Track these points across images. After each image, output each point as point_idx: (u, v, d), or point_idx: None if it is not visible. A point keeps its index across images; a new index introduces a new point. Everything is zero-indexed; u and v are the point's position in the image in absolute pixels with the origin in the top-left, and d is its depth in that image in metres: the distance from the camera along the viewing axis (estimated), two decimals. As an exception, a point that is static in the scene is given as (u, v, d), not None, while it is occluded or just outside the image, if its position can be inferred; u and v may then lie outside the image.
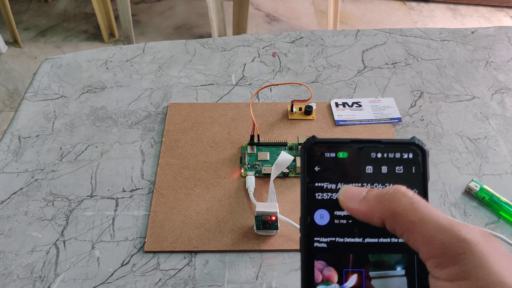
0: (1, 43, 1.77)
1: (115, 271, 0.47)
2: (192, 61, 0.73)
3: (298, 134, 0.61)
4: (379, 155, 0.25)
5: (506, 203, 0.52)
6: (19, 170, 0.57)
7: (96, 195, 0.54)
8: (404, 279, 0.24)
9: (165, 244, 0.49)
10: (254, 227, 0.50)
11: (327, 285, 0.24)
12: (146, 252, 0.49)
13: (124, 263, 0.48)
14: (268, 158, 0.57)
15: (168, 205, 0.53)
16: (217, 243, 0.49)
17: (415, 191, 0.24)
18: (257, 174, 0.56)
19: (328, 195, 0.25)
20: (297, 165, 0.55)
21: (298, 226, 0.49)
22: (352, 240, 0.24)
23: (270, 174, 0.55)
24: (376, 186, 0.25)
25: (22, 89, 1.63)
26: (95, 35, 1.87)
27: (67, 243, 0.50)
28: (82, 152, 0.59)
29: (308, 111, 0.63)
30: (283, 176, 0.56)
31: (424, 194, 0.25)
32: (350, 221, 0.24)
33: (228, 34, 1.81)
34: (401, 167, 0.25)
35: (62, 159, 0.58)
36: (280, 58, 0.74)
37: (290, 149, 0.59)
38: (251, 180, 0.54)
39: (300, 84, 0.68)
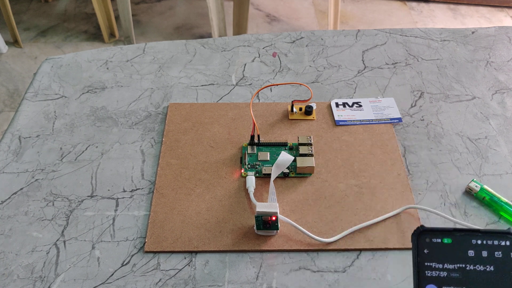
0: (2, 43, 1.77)
1: (115, 271, 0.47)
2: (192, 61, 0.73)
3: (299, 134, 0.61)
4: (479, 241, 0.29)
5: (506, 203, 0.52)
6: (20, 170, 0.57)
7: (96, 195, 0.54)
8: None
9: (165, 244, 0.49)
10: (255, 227, 0.50)
11: None
12: (146, 252, 0.49)
13: (124, 263, 0.48)
14: (269, 158, 0.57)
15: (168, 205, 0.53)
16: (218, 243, 0.49)
17: None
18: (257, 174, 0.56)
19: (436, 273, 0.29)
20: (297, 165, 0.55)
21: (299, 227, 0.49)
22: None
23: (270, 174, 0.55)
24: (478, 268, 0.28)
25: (22, 89, 1.63)
26: (95, 35, 1.87)
27: (67, 243, 0.50)
28: (83, 152, 0.59)
29: (308, 111, 0.63)
30: (284, 176, 0.56)
31: None
32: None
33: (228, 34, 1.81)
34: (500, 252, 0.29)
35: (63, 159, 0.58)
36: (281, 58, 0.74)
37: (291, 149, 0.59)
38: (251, 180, 0.54)
39: (300, 84, 0.68)
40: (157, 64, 0.73)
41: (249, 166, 0.57)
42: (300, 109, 0.64)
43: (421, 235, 0.30)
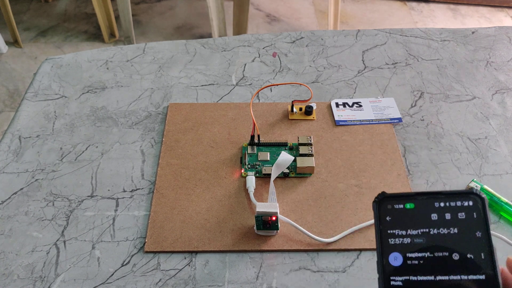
0: (2, 43, 1.77)
1: (115, 271, 0.47)
2: (192, 61, 0.73)
3: (299, 134, 0.61)
4: (442, 204, 0.28)
5: (506, 203, 0.52)
6: (20, 170, 0.57)
7: (96, 195, 0.54)
8: None
9: (165, 244, 0.49)
10: (255, 227, 0.50)
11: None
12: (147, 252, 0.49)
13: (125, 263, 0.48)
14: (269, 158, 0.57)
15: (168, 205, 0.53)
16: (218, 243, 0.49)
17: (478, 234, 0.27)
18: (257, 174, 0.56)
19: (400, 240, 0.28)
20: (297, 165, 0.55)
21: (299, 227, 0.49)
22: (424, 278, 0.27)
23: (270, 174, 0.55)
24: (442, 231, 0.28)
25: (22, 89, 1.63)
26: (95, 35, 1.87)
27: (67, 243, 0.50)
28: (83, 152, 0.59)
29: (308, 111, 0.63)
30: (284, 176, 0.56)
31: (487, 236, 0.27)
32: (421, 262, 0.28)
33: (229, 34, 1.81)
34: (463, 213, 0.28)
35: (63, 159, 0.58)
36: (281, 58, 0.74)
37: (291, 149, 0.59)
38: (251, 180, 0.54)
39: (301, 84, 0.68)
40: (157, 64, 0.73)
41: (249, 166, 0.57)
42: (300, 109, 0.64)
43: (383, 202, 0.29)
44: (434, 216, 0.28)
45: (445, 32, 0.79)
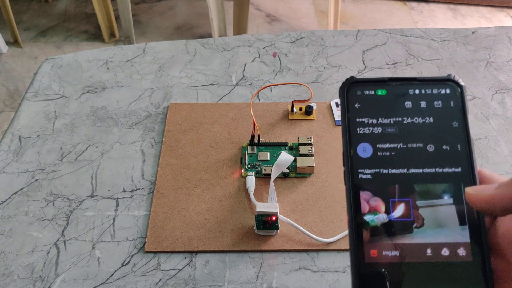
0: (2, 43, 1.77)
1: (115, 271, 0.47)
2: (192, 61, 0.73)
3: (299, 134, 0.61)
4: (417, 91, 0.26)
5: (506, 203, 0.52)
6: (20, 170, 0.57)
7: (96, 195, 0.54)
8: (453, 207, 0.24)
9: (165, 244, 0.49)
10: (255, 227, 0.50)
11: (374, 215, 0.24)
12: (147, 252, 0.49)
13: (125, 263, 0.48)
14: (269, 158, 0.57)
15: (168, 205, 0.53)
16: (218, 243, 0.49)
17: (455, 124, 0.25)
18: (257, 174, 0.56)
19: (369, 130, 0.25)
20: (297, 165, 0.55)
21: (299, 227, 0.49)
22: (396, 171, 0.25)
23: (270, 174, 0.55)
24: (416, 120, 0.25)
25: (22, 89, 1.63)
26: (95, 35, 1.87)
27: (67, 243, 0.50)
28: (83, 152, 0.59)
29: (308, 111, 0.63)
30: (284, 176, 0.56)
31: (465, 126, 0.25)
32: (393, 153, 0.25)
33: (229, 34, 1.81)
34: (440, 101, 0.26)
35: (63, 159, 0.58)
36: (281, 58, 0.74)
37: (291, 149, 0.59)
38: (251, 180, 0.54)
39: (301, 84, 0.68)
40: (157, 64, 0.73)
41: (249, 166, 0.57)
42: (300, 109, 0.64)
43: (351, 87, 0.26)
44: (408, 104, 0.26)
45: (445, 32, 0.79)
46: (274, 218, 0.48)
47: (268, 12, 2.02)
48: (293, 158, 0.55)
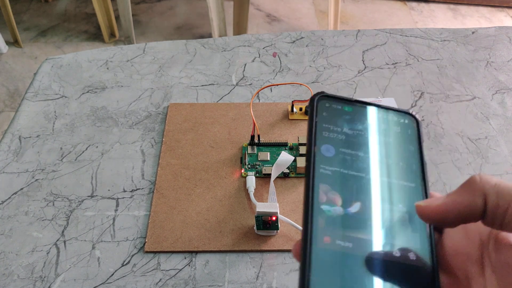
0: (2, 43, 1.77)
1: (115, 271, 0.47)
2: (192, 61, 0.73)
3: (299, 134, 0.61)
4: (380, 114, 0.28)
5: (506, 203, 0.52)
6: (20, 170, 0.57)
7: (96, 195, 0.54)
8: (406, 215, 0.25)
9: (165, 244, 0.49)
10: (255, 227, 0.50)
11: (331, 206, 0.25)
12: (147, 252, 0.49)
13: (125, 263, 0.48)
14: (269, 158, 0.57)
15: (168, 205, 0.53)
16: (218, 243, 0.49)
17: (411, 148, 0.27)
18: (257, 174, 0.56)
19: (334, 135, 0.27)
20: (297, 165, 0.55)
21: (299, 227, 0.49)
22: (355, 173, 0.26)
23: (270, 174, 0.55)
24: (377, 137, 0.27)
25: (22, 89, 1.63)
26: (95, 35, 1.87)
27: (67, 243, 0.50)
28: (83, 152, 0.59)
29: (308, 111, 0.63)
30: (284, 176, 0.56)
31: (420, 151, 0.27)
32: (354, 158, 0.27)
33: (229, 34, 1.81)
34: (399, 127, 0.28)
35: (63, 159, 0.58)
36: (281, 58, 0.74)
37: (291, 149, 0.59)
38: (251, 180, 0.54)
39: (301, 84, 0.68)
40: (157, 64, 0.73)
41: (249, 166, 0.57)
42: (300, 109, 0.64)
43: (321, 99, 0.29)
44: (371, 123, 0.28)
45: (445, 32, 0.79)
46: (274, 218, 0.48)
47: (268, 12, 2.02)
48: (293, 158, 0.55)
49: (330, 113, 0.28)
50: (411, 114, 0.29)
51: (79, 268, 0.48)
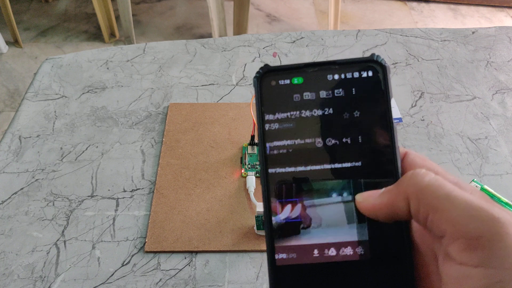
0: (2, 43, 1.77)
1: (115, 271, 0.47)
2: (192, 61, 0.73)
3: (299, 134, 0.61)
4: (336, 76, 0.24)
5: (506, 203, 0.52)
6: (20, 170, 0.57)
7: (96, 195, 0.54)
8: (341, 205, 0.23)
9: (165, 244, 0.49)
10: (255, 227, 0.50)
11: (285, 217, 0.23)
12: (147, 252, 0.49)
13: (125, 263, 0.48)
14: (269, 158, 0.57)
15: (168, 205, 0.53)
16: (218, 243, 0.49)
17: (377, 113, 0.23)
18: (257, 174, 0.56)
19: (285, 125, 0.24)
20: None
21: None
22: (291, 169, 0.24)
23: (270, 174, 0.54)
24: (336, 111, 0.24)
25: (22, 89, 1.63)
26: (95, 35, 1.87)
27: (67, 243, 0.50)
28: (83, 152, 0.59)
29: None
30: (284, 176, 0.56)
31: (388, 113, 0.23)
32: (310, 149, 0.24)
33: (229, 34, 1.81)
34: (360, 87, 0.23)
35: (63, 159, 0.58)
36: (281, 58, 0.74)
37: (291, 149, 0.58)
38: (251, 180, 0.54)
39: (301, 84, 0.68)
40: (157, 64, 0.73)
41: (249, 166, 0.57)
42: (300, 109, 0.64)
43: (266, 77, 0.24)
44: (323, 94, 0.24)
45: (445, 32, 0.79)
46: (274, 218, 0.48)
47: (268, 12, 2.02)
48: (293, 158, 0.55)
49: (275, 94, 0.24)
50: (375, 61, 0.24)
51: (79, 268, 0.48)
